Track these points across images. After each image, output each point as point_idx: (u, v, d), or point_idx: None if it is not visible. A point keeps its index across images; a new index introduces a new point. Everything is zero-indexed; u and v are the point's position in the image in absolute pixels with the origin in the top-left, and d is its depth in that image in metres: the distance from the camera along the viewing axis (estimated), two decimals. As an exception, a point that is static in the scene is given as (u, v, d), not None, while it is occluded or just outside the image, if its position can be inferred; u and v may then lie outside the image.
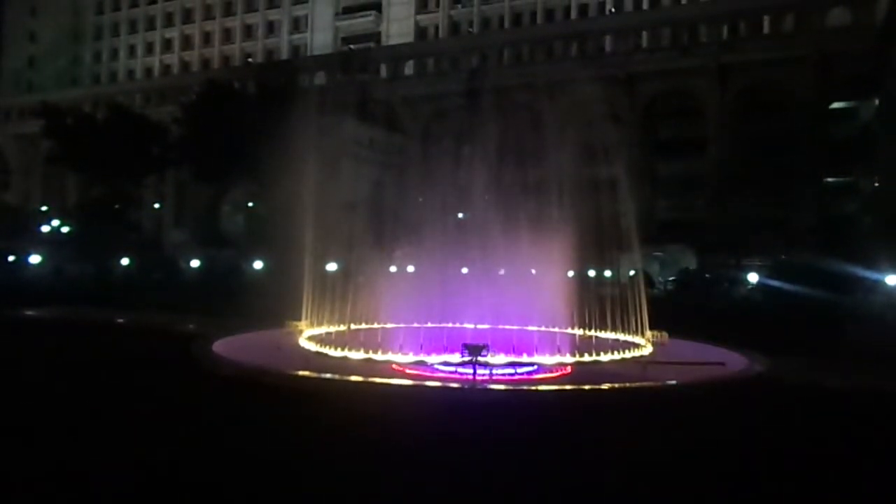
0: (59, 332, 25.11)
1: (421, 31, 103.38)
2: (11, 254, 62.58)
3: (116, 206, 74.27)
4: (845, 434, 12.07)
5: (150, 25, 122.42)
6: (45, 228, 78.41)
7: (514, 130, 24.22)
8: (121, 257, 65.56)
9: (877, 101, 65.27)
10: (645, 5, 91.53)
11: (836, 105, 70.95)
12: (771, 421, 12.88)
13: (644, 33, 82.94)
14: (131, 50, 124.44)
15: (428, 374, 16.03)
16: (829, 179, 69.18)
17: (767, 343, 19.68)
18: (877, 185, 63.65)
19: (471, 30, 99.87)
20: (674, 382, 15.86)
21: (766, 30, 77.95)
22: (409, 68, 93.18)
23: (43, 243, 68.42)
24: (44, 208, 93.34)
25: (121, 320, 29.02)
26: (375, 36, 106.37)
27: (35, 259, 61.87)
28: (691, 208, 71.85)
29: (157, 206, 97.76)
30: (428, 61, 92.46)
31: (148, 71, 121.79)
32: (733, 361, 18.17)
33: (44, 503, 7.94)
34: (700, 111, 75.36)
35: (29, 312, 31.01)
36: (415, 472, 9.26)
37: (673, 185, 76.32)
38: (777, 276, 44.23)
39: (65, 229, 77.46)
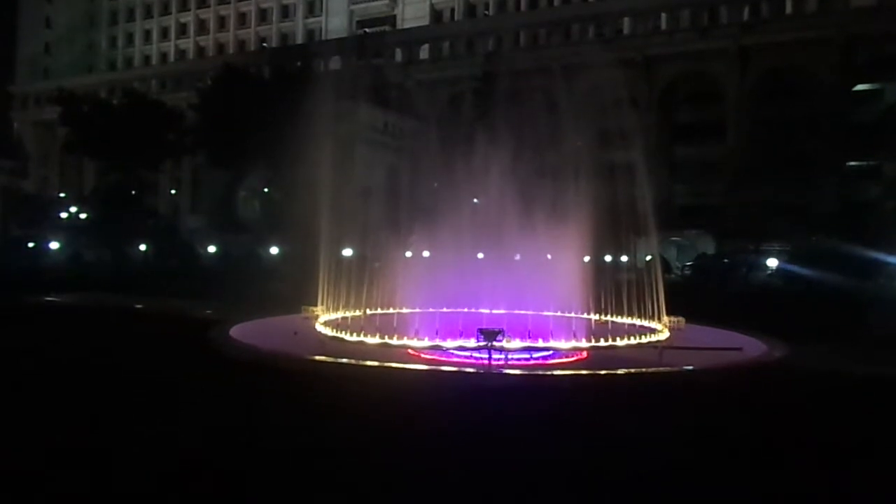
0: (79, 318, 25.40)
1: (436, 14, 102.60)
2: (31, 240, 63.36)
3: (133, 193, 74.78)
4: (864, 421, 11.90)
5: (165, 10, 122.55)
6: (63, 215, 79.27)
7: (529, 114, 23.99)
8: (138, 243, 66.15)
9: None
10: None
11: (859, 87, 69.61)
12: (788, 407, 12.73)
13: (663, 15, 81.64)
14: (147, 35, 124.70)
15: (444, 359, 16.02)
16: (852, 163, 68.00)
17: (786, 329, 19.45)
18: (900, 168, 62.56)
19: (486, 12, 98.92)
20: (690, 368, 15.74)
21: (788, 10, 76.49)
22: (424, 52, 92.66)
23: (61, 230, 69.21)
24: (62, 195, 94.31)
25: (139, 306, 29.29)
26: (390, 19, 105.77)
27: (54, 245, 62.60)
28: (710, 193, 70.98)
29: (173, 192, 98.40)
30: (443, 45, 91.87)
31: (163, 56, 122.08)
32: (751, 347, 18.00)
33: (69, 482, 8.01)
34: (719, 95, 74.27)
35: (49, 298, 31.39)
36: (430, 457, 9.25)
37: (691, 169, 75.48)
38: (797, 261, 43.71)
39: (82, 216, 78.24)
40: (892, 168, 64.87)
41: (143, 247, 66.52)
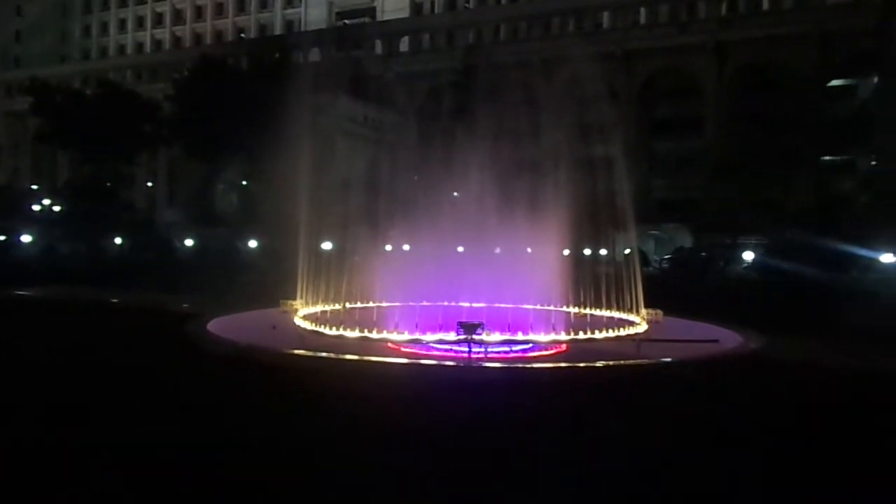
0: (53, 312, 25.00)
1: (416, 6, 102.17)
2: (2, 233, 62.19)
3: (108, 185, 73.67)
4: (838, 412, 12.09)
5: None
6: (35, 207, 77.85)
7: (509, 108, 23.99)
8: (113, 236, 65.25)
9: (875, 79, 65.05)
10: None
11: (834, 83, 70.62)
12: (764, 398, 12.90)
13: (642, 9, 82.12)
14: (121, 25, 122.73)
15: (423, 352, 16.00)
16: (826, 158, 69.08)
17: (762, 321, 19.71)
18: (874, 163, 63.63)
19: (467, 5, 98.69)
20: (668, 360, 15.87)
21: (765, 6, 77.30)
22: (404, 44, 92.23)
23: (34, 222, 67.97)
24: (34, 187, 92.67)
25: (114, 300, 28.88)
26: (370, 11, 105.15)
27: (26, 238, 61.50)
28: (688, 187, 71.76)
29: (149, 184, 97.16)
30: (423, 37, 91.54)
31: (139, 46, 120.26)
32: (727, 339, 18.20)
33: (44, 481, 7.86)
34: (698, 89, 74.93)
35: (21, 292, 30.84)
36: (410, 451, 9.23)
37: (670, 163, 76.17)
38: (773, 254, 44.29)
39: (56, 208, 76.91)
40: (866, 163, 65.99)
41: (118, 240, 65.62)
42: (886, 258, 37.32)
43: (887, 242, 37.55)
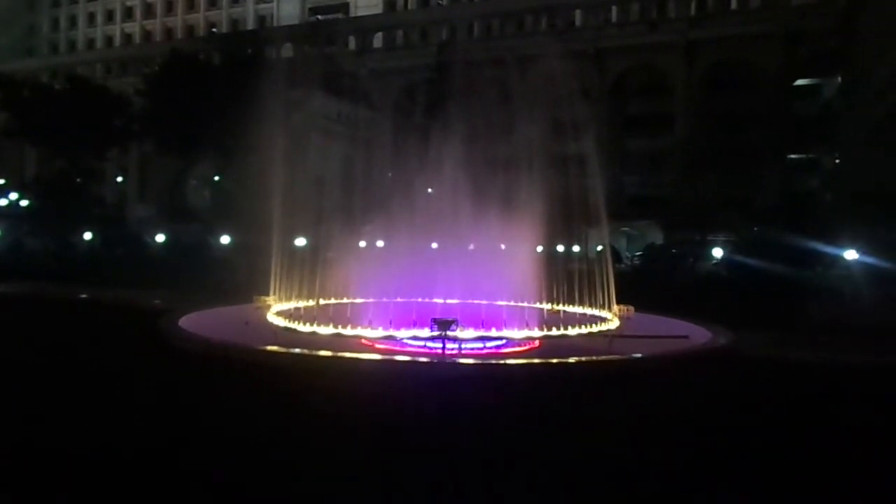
0: (21, 308, 24.58)
1: (390, 3, 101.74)
2: (-33, 229, 60.81)
3: (77, 180, 72.34)
4: (804, 405, 12.44)
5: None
6: (2, 202, 76.20)
7: (483, 105, 24.10)
8: (83, 232, 64.12)
9: (839, 79, 66.42)
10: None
11: (800, 82, 71.97)
12: (732, 392, 13.22)
13: (614, 8, 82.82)
14: (91, 18, 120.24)
15: (397, 348, 16.07)
16: (793, 156, 70.41)
17: (730, 317, 20.12)
18: (837, 161, 65.00)
19: (440, 2, 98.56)
20: (639, 356, 16.14)
21: (734, 5, 78.45)
22: (377, 41, 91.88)
23: (1, 217, 66.59)
24: (1, 182, 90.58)
25: (84, 296, 28.47)
26: (343, 6, 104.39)
27: (-8, 234, 60.20)
28: (659, 184, 72.56)
29: (119, 179, 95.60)
30: (397, 34, 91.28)
31: (108, 40, 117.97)
32: (697, 335, 18.56)
33: (18, 482, 7.80)
34: (668, 87, 75.82)
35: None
36: (384, 446, 9.31)
37: (641, 161, 76.96)
38: (741, 251, 45.00)
39: (24, 203, 75.33)
40: (830, 161, 67.41)
41: (88, 236, 64.51)
42: (850, 255, 38.14)
43: (851, 240, 38.39)
